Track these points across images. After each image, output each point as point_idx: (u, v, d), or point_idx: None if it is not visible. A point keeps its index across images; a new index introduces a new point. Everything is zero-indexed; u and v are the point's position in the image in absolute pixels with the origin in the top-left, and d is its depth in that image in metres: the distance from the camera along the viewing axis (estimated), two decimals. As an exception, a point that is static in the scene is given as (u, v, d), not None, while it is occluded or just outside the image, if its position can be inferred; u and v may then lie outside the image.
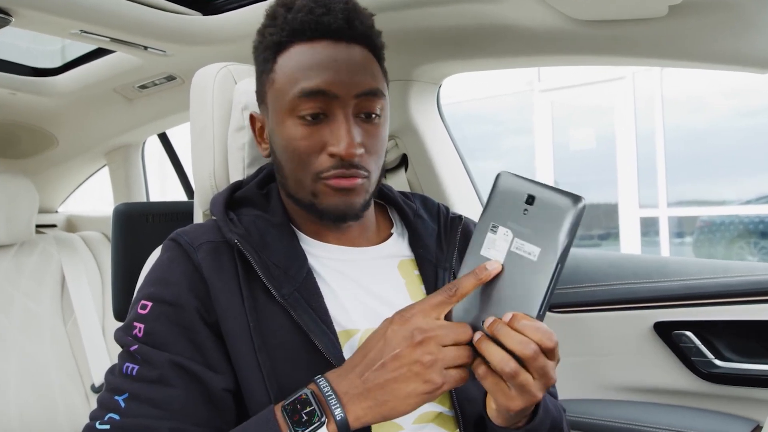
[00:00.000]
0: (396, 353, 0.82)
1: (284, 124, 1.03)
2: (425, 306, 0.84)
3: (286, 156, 1.04)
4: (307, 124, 1.01)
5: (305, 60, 1.01)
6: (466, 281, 0.83)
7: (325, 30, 1.01)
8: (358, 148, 1.00)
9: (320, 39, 1.02)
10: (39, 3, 1.56)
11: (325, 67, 1.00)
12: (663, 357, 1.65)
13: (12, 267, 2.53)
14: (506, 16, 1.48)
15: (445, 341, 0.82)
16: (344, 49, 1.02)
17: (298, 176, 1.04)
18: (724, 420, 1.54)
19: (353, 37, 1.03)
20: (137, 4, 1.69)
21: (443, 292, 0.84)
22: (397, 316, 0.86)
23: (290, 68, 1.02)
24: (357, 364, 0.86)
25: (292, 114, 1.02)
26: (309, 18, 1.00)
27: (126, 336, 0.98)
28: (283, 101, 1.02)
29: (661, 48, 1.42)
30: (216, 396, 0.96)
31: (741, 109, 7.63)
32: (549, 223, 0.79)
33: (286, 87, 1.02)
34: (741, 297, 1.54)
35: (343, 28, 1.02)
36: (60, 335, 2.54)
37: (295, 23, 1.01)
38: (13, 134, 2.73)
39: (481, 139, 9.08)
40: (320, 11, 1.00)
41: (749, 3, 1.24)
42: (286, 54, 1.03)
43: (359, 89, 1.01)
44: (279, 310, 1.00)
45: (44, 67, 2.37)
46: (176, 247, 1.05)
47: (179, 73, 2.13)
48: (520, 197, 0.83)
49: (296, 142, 1.02)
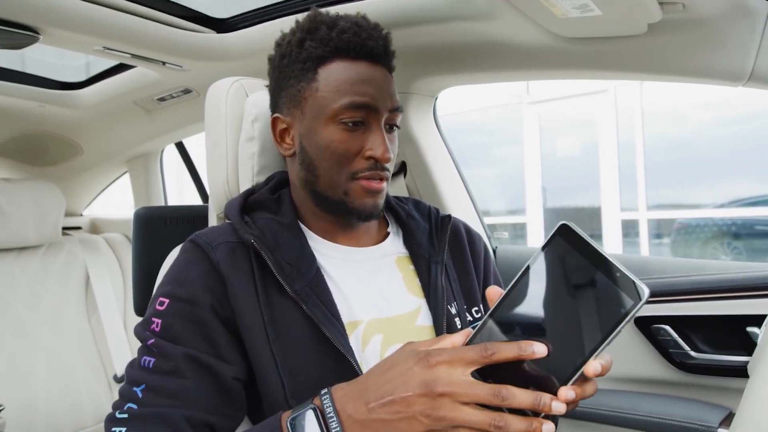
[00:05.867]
0: (408, 396, 0.73)
1: (326, 128, 1.06)
2: (455, 357, 0.73)
3: (324, 156, 1.07)
4: (349, 130, 1.06)
5: (351, 75, 1.06)
6: (507, 351, 0.70)
7: (367, 52, 1.07)
8: (389, 152, 1.06)
9: (361, 59, 1.07)
10: (65, 21, 1.56)
11: (368, 84, 1.06)
12: (643, 349, 1.64)
13: (40, 267, 2.53)
14: (498, 34, 1.48)
15: (463, 399, 0.71)
16: (379, 70, 1.09)
17: (333, 175, 1.07)
18: (699, 407, 1.53)
19: (386, 61, 1.11)
20: (156, 23, 1.69)
21: (479, 352, 0.72)
22: (423, 358, 0.75)
23: (335, 81, 1.06)
24: (367, 390, 0.78)
25: (334, 120, 1.06)
26: (355, 39, 1.06)
27: (144, 331, 0.98)
28: (327, 108, 1.06)
29: (641, 63, 1.42)
30: (227, 385, 0.96)
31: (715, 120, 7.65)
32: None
33: (332, 96, 1.05)
34: (715, 294, 1.53)
35: (381, 53, 1.09)
36: (84, 330, 2.54)
37: (341, 42, 1.06)
38: (42, 143, 2.74)
39: (474, 148, 9.09)
40: (365, 35, 1.07)
41: (722, 21, 1.24)
42: (328, 67, 1.07)
43: (392, 105, 1.09)
44: (291, 304, 1.01)
45: (70, 81, 2.37)
46: (195, 248, 1.05)
47: (195, 87, 2.13)
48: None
49: (337, 144, 1.06)
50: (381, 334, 1.06)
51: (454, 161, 2.00)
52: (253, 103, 1.24)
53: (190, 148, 2.89)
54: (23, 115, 2.47)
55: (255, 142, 1.23)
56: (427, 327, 1.11)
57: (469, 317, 1.17)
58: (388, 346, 1.05)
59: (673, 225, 7.83)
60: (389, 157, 1.07)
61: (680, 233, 7.80)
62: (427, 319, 1.11)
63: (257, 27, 1.76)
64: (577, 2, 1.16)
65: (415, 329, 1.10)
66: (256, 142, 1.23)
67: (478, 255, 1.27)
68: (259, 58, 1.81)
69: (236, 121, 1.26)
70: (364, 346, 1.04)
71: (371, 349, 1.04)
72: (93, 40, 1.68)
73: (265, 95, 1.24)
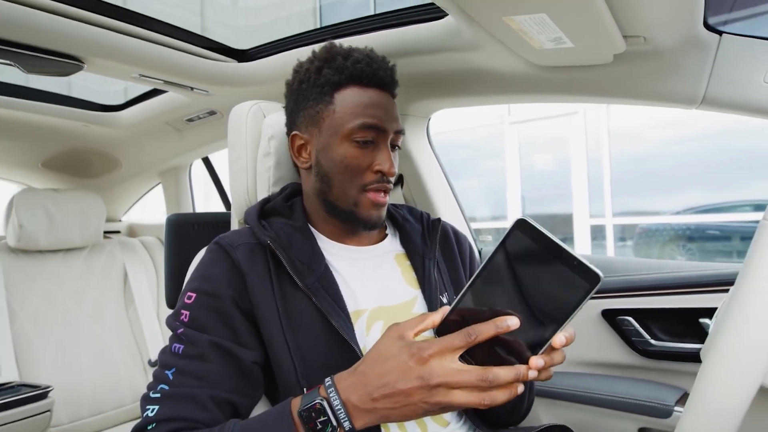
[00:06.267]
0: (408, 389, 0.74)
1: (341, 145, 1.07)
2: (443, 348, 0.74)
3: (339, 169, 1.08)
4: (360, 147, 1.07)
5: (363, 100, 1.08)
6: (487, 331, 0.71)
7: (378, 81, 1.09)
8: (394, 167, 1.08)
9: (372, 86, 1.09)
10: (107, 52, 1.57)
11: (378, 108, 1.08)
12: (609, 338, 1.64)
13: (84, 266, 2.53)
14: (484, 63, 1.48)
15: (455, 386, 0.72)
16: (386, 97, 1.11)
17: (345, 186, 1.08)
18: (658, 388, 1.53)
19: (391, 89, 1.13)
20: (186, 53, 1.70)
21: (463, 338, 0.73)
22: (416, 353, 0.75)
23: (350, 104, 1.07)
24: (368, 381, 0.78)
25: (348, 138, 1.07)
26: (368, 69, 1.08)
27: (175, 321, 0.99)
28: (343, 128, 1.07)
29: (607, 89, 1.42)
30: (246, 368, 0.97)
31: (672, 138, 7.65)
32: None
33: (347, 117, 1.07)
34: (672, 289, 1.53)
35: (389, 82, 1.12)
36: (122, 321, 2.54)
37: (355, 71, 1.08)
38: (86, 158, 2.74)
39: (462, 162, 9.09)
40: (376, 66, 1.09)
41: (678, 52, 1.25)
42: (343, 92, 1.08)
43: (397, 127, 1.10)
44: (303, 297, 1.01)
45: (110, 104, 2.37)
46: (218, 249, 1.05)
47: (219, 109, 2.13)
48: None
49: (350, 159, 1.07)
50: (382, 320, 1.06)
51: (444, 174, 2.00)
52: (270, 123, 1.25)
53: (214, 163, 2.89)
54: (70, 134, 2.47)
55: (271, 157, 1.23)
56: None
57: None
58: None
59: (636, 230, 7.83)
60: (394, 172, 1.09)
61: (642, 237, 7.80)
62: (422, 307, 1.12)
63: (273, 57, 1.76)
64: (552, 35, 1.16)
65: (412, 317, 1.10)
66: (272, 157, 1.23)
67: (464, 253, 1.28)
68: (275, 84, 1.82)
69: (255, 139, 1.26)
70: (367, 331, 1.04)
71: (373, 333, 1.05)
72: (131, 69, 1.68)
73: (280, 116, 1.25)
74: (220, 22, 6.06)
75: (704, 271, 1.53)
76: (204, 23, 5.72)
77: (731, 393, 0.81)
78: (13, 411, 1.67)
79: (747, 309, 0.79)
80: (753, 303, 0.79)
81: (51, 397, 1.80)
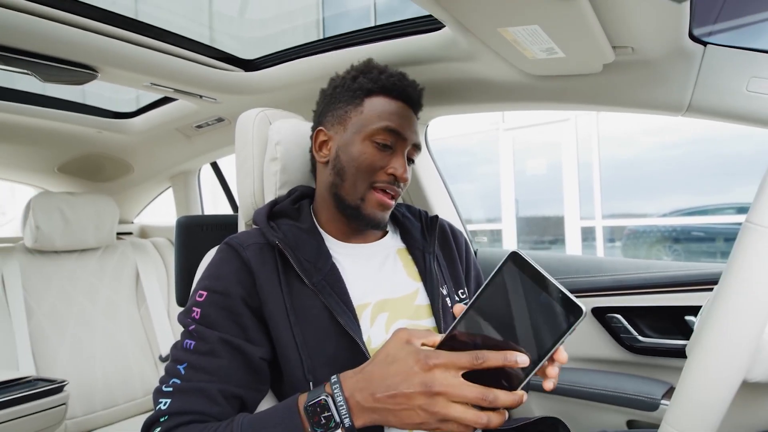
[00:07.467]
0: (410, 393, 0.74)
1: (362, 143, 1.10)
2: (449, 362, 0.73)
3: (354, 164, 1.10)
4: (379, 149, 1.10)
5: (390, 109, 1.12)
6: (495, 359, 0.71)
7: (406, 96, 1.14)
8: (407, 173, 1.13)
9: (400, 100, 1.14)
10: (120, 62, 1.57)
11: (402, 118, 1.12)
12: (599, 334, 1.64)
13: (98, 266, 2.53)
14: (480, 72, 1.48)
15: (455, 399, 0.72)
16: (410, 111, 1.15)
17: (357, 181, 1.10)
18: (645, 382, 1.53)
19: (416, 108, 1.18)
20: (195, 63, 1.70)
21: (471, 359, 0.72)
22: (423, 360, 0.75)
23: (377, 109, 1.11)
24: (373, 382, 0.78)
25: (370, 137, 1.10)
26: (399, 84, 1.13)
27: (186, 318, 0.99)
28: (367, 128, 1.10)
29: (597, 97, 1.42)
30: (254, 363, 0.97)
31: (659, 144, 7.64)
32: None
33: (372, 119, 1.10)
34: (659, 288, 1.54)
35: (416, 100, 1.16)
36: (135, 318, 2.54)
37: (388, 82, 1.12)
38: (100, 163, 2.74)
39: (459, 167, 9.08)
40: (406, 83, 1.14)
41: (665, 62, 1.25)
42: (373, 99, 1.13)
43: (415, 140, 1.14)
44: (310, 294, 1.02)
45: (123, 111, 2.38)
46: (229, 249, 1.06)
47: (227, 116, 2.13)
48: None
49: (367, 156, 1.09)
50: (386, 312, 1.07)
51: (441, 178, 2.00)
52: (276, 129, 1.25)
53: (222, 167, 2.89)
54: (84, 140, 2.47)
55: (277, 161, 1.24)
56: (424, 306, 1.13)
57: (456, 297, 1.19)
58: (392, 323, 1.07)
59: (624, 231, 7.81)
60: (407, 178, 1.12)
61: (630, 238, 7.79)
62: (424, 299, 1.13)
63: (278, 66, 1.76)
64: (545, 46, 1.16)
65: (414, 308, 1.11)
66: (278, 162, 1.24)
67: (460, 248, 1.29)
68: (279, 93, 1.82)
69: (261, 145, 1.27)
70: (372, 323, 1.05)
71: (378, 324, 1.05)
72: (142, 78, 1.68)
73: (286, 123, 1.26)
74: (227, 33, 6.05)
75: (689, 270, 1.53)
76: (212, 35, 5.72)
77: (715, 387, 0.81)
78: (30, 404, 1.67)
79: (730, 306, 0.80)
80: (736, 301, 0.79)
81: (66, 391, 1.80)
